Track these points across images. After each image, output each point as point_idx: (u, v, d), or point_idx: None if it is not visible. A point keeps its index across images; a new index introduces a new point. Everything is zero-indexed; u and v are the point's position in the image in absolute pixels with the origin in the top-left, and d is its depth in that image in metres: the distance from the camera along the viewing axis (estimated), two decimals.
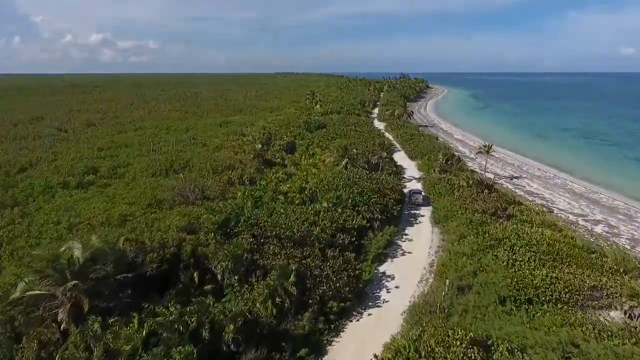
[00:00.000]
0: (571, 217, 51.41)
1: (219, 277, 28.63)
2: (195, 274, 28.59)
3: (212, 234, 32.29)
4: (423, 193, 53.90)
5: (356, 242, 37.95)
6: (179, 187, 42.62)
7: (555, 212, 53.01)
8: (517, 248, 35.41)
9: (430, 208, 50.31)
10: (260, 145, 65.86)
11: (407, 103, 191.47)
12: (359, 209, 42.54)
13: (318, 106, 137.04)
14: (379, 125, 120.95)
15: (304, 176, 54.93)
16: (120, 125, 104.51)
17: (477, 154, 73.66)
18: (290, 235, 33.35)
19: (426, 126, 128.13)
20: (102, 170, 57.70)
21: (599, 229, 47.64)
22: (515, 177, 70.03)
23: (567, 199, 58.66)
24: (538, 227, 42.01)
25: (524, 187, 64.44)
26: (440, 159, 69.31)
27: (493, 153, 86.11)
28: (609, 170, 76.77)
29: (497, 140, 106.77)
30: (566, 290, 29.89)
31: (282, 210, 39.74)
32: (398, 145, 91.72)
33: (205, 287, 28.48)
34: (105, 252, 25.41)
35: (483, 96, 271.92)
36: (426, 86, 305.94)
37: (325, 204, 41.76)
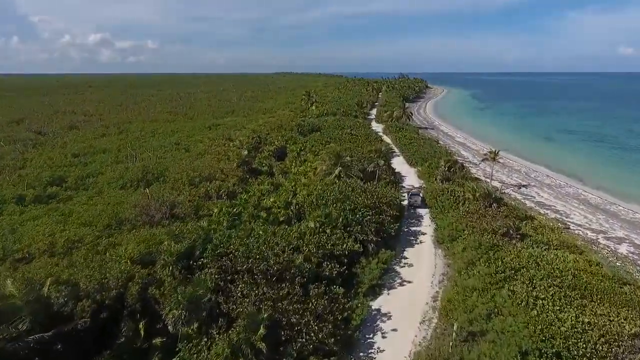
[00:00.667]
0: (590, 234, 45.60)
1: (170, 328, 22.70)
2: (141, 324, 22.70)
3: (170, 268, 26.39)
4: (421, 194, 52.12)
5: (346, 271, 32.12)
6: (142, 204, 36.69)
7: (571, 227, 47.20)
8: (537, 280, 29.49)
9: (432, 225, 44.58)
10: (246, 152, 59.90)
11: (406, 104, 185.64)
12: (351, 229, 36.67)
13: (314, 107, 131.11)
14: (377, 127, 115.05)
15: (291, 187, 49.12)
16: (105, 128, 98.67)
17: (482, 161, 67.78)
18: (265, 268, 27.44)
19: (426, 128, 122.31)
20: (70, 180, 51.79)
21: (623, 249, 41.84)
22: (524, 186, 64.15)
23: (583, 211, 52.80)
24: (557, 249, 36.27)
25: (534, 197, 58.58)
26: (442, 166, 63.46)
27: (498, 158, 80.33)
28: (621, 177, 70.94)
29: (500, 143, 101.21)
30: (603, 340, 24.06)
31: (261, 232, 33.89)
32: (397, 150, 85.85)
33: (154, 341, 22.64)
34: (15, 306, 19.49)
35: (483, 96, 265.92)
36: (425, 86, 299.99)
37: (312, 224, 35.87)
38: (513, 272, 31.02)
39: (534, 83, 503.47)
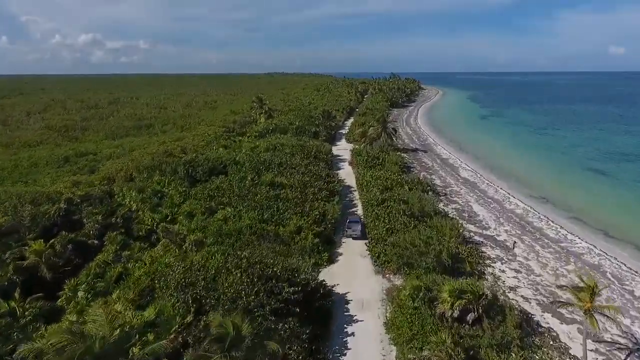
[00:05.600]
0: None
1: None
2: None
3: None
4: (362, 220, 39.27)
5: None
6: None
7: None
8: None
9: None
10: None
11: (395, 110, 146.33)
12: None
13: (262, 119, 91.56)
14: (346, 150, 75.56)
15: None
16: None
17: (555, 304, 26.20)
18: None
19: (416, 150, 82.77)
20: None
21: None
22: None
23: None
24: None
25: None
26: (447, 303, 24.12)
27: (546, 230, 40.45)
28: None
29: (532, 185, 59.89)
30: None
31: None
32: (360, 208, 46.44)
33: None
34: None
35: (483, 99, 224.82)
36: (418, 87, 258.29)
37: None
38: None
39: (531, 83, 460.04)
